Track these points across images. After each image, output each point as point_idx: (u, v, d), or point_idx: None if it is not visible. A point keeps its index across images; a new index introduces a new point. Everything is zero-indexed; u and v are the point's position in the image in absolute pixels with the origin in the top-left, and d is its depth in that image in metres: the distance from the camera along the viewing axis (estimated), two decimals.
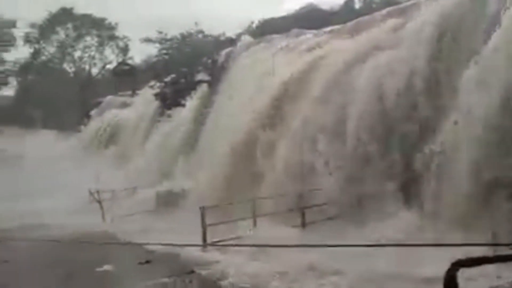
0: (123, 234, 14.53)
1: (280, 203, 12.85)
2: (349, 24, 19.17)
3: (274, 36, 22.28)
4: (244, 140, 15.40)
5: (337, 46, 15.53)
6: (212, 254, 11.12)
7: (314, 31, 21.27)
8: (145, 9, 61.59)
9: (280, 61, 17.63)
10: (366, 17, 18.02)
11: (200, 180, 16.28)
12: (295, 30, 22.33)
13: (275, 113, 15.14)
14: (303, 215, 12.81)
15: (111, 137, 35.38)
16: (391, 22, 14.76)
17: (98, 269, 9.85)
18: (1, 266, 10.96)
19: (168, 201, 17.32)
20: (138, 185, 21.94)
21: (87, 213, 18.39)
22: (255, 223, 12.36)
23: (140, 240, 12.50)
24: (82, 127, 40.59)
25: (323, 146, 13.03)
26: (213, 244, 11.65)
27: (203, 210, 11.89)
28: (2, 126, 40.18)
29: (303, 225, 12.74)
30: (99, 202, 17.97)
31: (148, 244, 11.34)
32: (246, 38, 23.44)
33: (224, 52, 23.40)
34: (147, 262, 10.21)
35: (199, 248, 11.63)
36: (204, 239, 11.79)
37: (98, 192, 18.13)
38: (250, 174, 14.47)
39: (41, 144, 36.12)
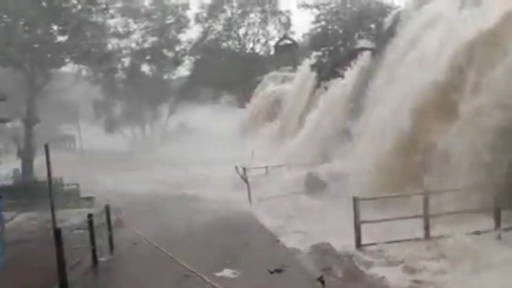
0: (265, 218, 13.04)
1: (461, 199, 9.69)
2: None
3: None
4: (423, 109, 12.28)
5: None
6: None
7: None
8: None
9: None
10: None
11: (361, 164, 13.71)
12: None
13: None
14: (497, 216, 9.46)
15: (272, 112, 35.24)
16: None
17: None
18: None
19: (322, 184, 15.28)
20: (295, 162, 20.57)
21: (240, 189, 17.59)
22: (427, 225, 9.47)
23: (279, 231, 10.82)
24: (247, 103, 41.43)
25: None
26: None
27: (357, 202, 9.46)
28: (181, 103, 43.91)
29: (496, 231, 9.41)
30: (246, 180, 16.80)
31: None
32: None
33: (393, 12, 19.96)
34: (277, 271, 8.05)
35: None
36: (358, 240, 9.40)
37: (244, 169, 16.98)
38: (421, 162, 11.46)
39: (212, 119, 38.33)
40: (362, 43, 20.35)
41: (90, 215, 9.23)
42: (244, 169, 17.03)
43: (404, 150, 12.70)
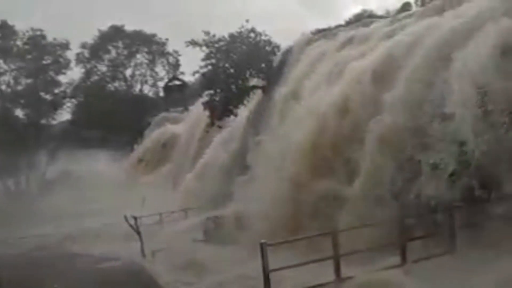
0: (160, 274, 11.56)
1: (370, 236, 9.39)
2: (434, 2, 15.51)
3: (341, 27, 18.94)
4: (315, 149, 12.05)
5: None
6: None
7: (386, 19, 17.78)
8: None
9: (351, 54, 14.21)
10: None
11: (261, 206, 12.98)
12: (364, 21, 18.93)
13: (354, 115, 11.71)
14: (403, 250, 9.27)
15: (164, 154, 33.94)
16: None
17: None
18: None
19: (223, 230, 14.22)
20: (192, 207, 19.36)
21: (132, 241, 15.78)
22: (337, 266, 8.91)
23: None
24: (136, 146, 39.50)
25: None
26: None
27: (265, 249, 8.57)
28: (63, 149, 40.25)
29: (403, 265, 9.19)
30: (137, 230, 15.15)
31: None
32: (305, 34, 20.18)
33: (281, 52, 20.27)
34: None
35: None
36: None
37: (136, 218, 15.39)
38: (326, 198, 11.11)
39: (99, 165, 35.62)
40: (254, 81, 20.30)
41: None
42: (135, 218, 15.39)
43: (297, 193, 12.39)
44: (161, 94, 46.66)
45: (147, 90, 47.86)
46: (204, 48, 20.18)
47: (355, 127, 11.79)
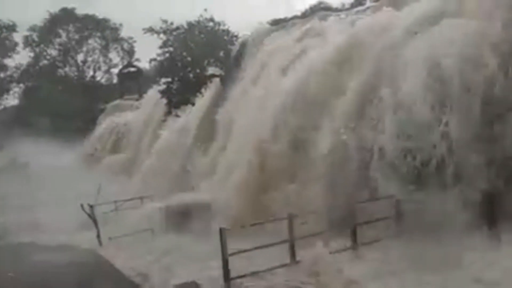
0: (119, 260, 11.62)
1: (325, 220, 9.93)
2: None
3: (296, 21, 19.35)
4: (271, 140, 12.44)
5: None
6: None
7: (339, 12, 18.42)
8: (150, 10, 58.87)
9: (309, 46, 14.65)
10: None
11: (219, 192, 13.28)
12: (319, 13, 19.42)
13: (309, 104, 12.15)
14: (354, 233, 9.87)
15: (118, 142, 33.31)
16: None
17: None
18: None
19: (181, 216, 14.35)
20: (147, 194, 19.30)
21: (88, 230, 15.64)
22: (292, 250, 9.37)
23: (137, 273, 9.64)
24: (88, 133, 38.51)
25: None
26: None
27: (224, 234, 8.88)
28: (9, 136, 38.55)
29: (354, 248, 9.81)
30: (94, 219, 15.07)
31: None
32: (263, 26, 20.48)
33: (239, 41, 20.47)
34: None
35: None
36: (227, 274, 8.80)
37: (92, 207, 15.27)
38: (282, 185, 11.55)
39: (50, 152, 34.39)
40: (212, 70, 20.41)
41: None
42: (91, 206, 15.25)
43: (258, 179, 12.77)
44: (115, 81, 45.62)
45: (100, 76, 46.76)
46: (161, 35, 20.05)
47: (313, 114, 12.24)
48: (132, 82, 41.46)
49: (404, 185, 10.11)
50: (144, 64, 42.31)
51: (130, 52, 46.03)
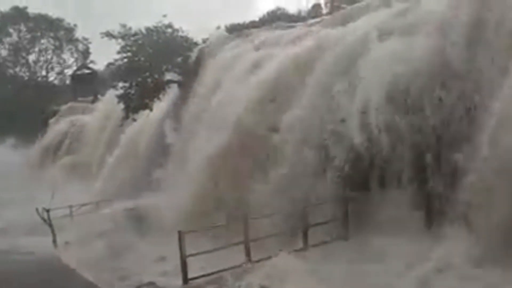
0: (77, 263, 11.78)
1: (278, 223, 10.56)
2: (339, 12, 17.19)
3: (253, 30, 20.01)
4: (227, 146, 12.96)
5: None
6: None
7: (295, 24, 19.25)
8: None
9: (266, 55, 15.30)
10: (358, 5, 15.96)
11: (177, 196, 13.65)
12: (275, 24, 20.20)
13: (265, 112, 12.79)
14: (305, 236, 10.57)
15: (72, 145, 32.68)
16: (397, 6, 12.63)
17: None
18: None
19: (139, 220, 14.61)
20: (103, 198, 19.27)
21: (44, 234, 15.54)
22: (248, 251, 9.93)
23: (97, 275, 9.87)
24: (40, 136, 37.44)
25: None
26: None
27: (182, 236, 9.33)
28: None
29: (305, 249, 10.50)
30: (49, 223, 15.06)
31: None
32: (221, 33, 20.98)
33: (197, 49, 20.85)
34: None
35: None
36: (185, 275, 9.25)
37: (48, 211, 15.23)
38: (238, 188, 12.09)
39: None
40: (169, 75, 20.64)
41: None
42: (47, 210, 15.21)
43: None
44: (68, 82, 44.65)
45: (53, 77, 45.63)
46: (120, 40, 20.10)
47: (270, 123, 12.86)
48: (87, 84, 40.75)
49: (352, 188, 10.91)
50: (100, 66, 41.91)
51: (85, 54, 45.28)
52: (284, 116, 12.38)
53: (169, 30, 20.84)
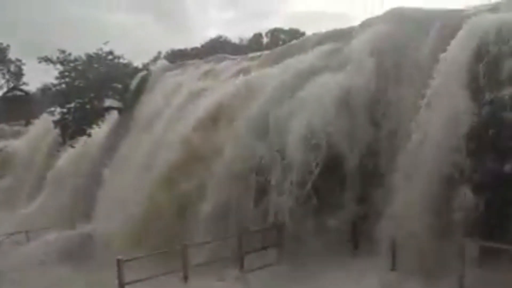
0: None
1: (216, 250, 10.92)
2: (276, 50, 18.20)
3: (196, 61, 20.64)
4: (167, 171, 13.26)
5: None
6: None
7: (237, 57, 20.07)
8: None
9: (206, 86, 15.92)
10: (295, 42, 17.09)
11: (114, 224, 13.62)
12: (216, 56, 20.93)
13: (203, 143, 13.25)
14: (241, 261, 10.99)
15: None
16: (325, 47, 13.78)
17: None
18: None
19: (74, 250, 14.28)
20: (33, 228, 18.50)
21: None
22: (186, 278, 10.19)
23: None
24: None
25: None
26: None
27: (121, 264, 9.43)
28: None
29: (240, 275, 10.90)
30: None
31: None
32: (163, 62, 21.41)
33: (138, 76, 21.05)
34: None
35: None
36: None
37: None
38: (177, 217, 12.35)
39: None
40: (109, 102, 20.59)
41: None
42: None
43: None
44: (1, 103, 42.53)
45: None
46: (58, 65, 19.88)
47: (203, 153, 13.33)
48: (19, 106, 39.09)
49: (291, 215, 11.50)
50: (33, 88, 40.51)
51: (18, 75, 43.58)
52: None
53: (110, 57, 20.90)
